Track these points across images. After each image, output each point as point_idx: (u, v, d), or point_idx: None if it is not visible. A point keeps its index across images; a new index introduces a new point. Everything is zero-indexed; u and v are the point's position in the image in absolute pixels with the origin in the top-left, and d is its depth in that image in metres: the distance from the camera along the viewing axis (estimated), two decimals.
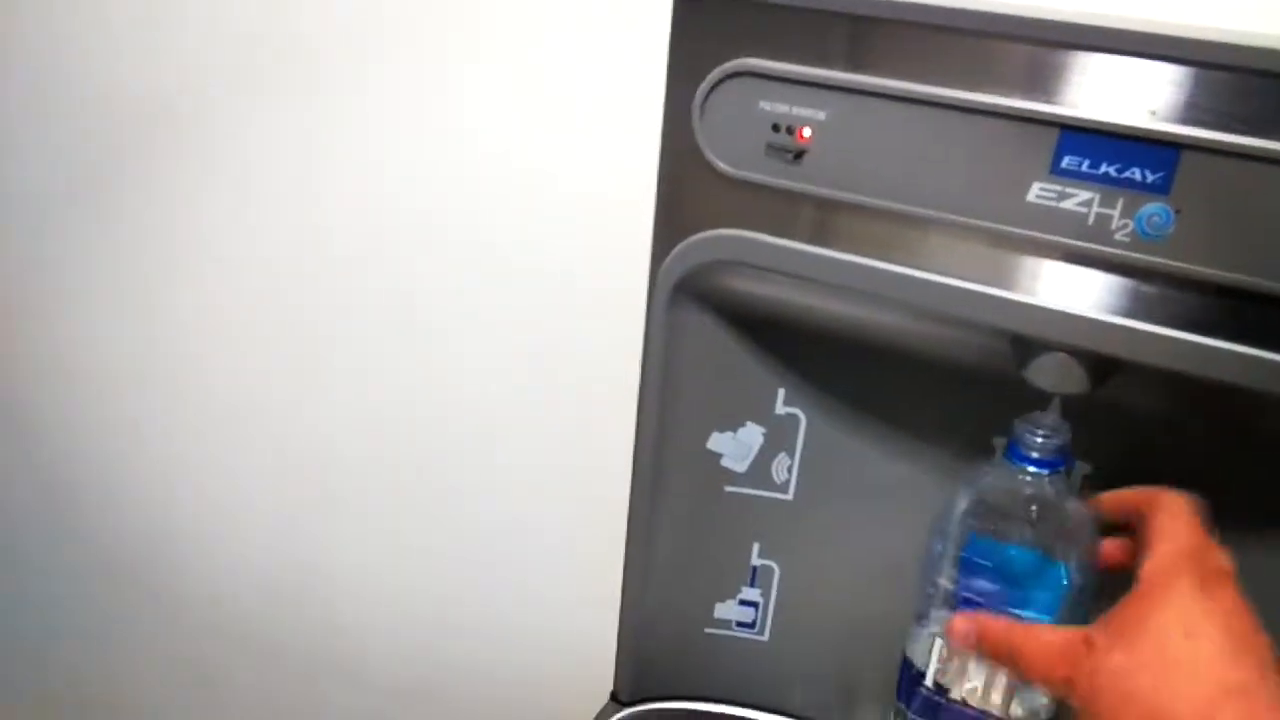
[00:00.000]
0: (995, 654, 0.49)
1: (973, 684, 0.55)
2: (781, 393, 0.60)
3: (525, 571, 0.78)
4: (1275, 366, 0.43)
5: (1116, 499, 0.50)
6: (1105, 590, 0.50)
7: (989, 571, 0.54)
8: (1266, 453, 0.50)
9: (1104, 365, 0.48)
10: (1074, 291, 0.46)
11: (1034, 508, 0.54)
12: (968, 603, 0.54)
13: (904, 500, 0.60)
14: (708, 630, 0.68)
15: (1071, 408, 0.52)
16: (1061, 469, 0.53)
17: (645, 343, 0.58)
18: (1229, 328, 0.43)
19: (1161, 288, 0.44)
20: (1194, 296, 0.44)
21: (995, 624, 0.50)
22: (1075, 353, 0.47)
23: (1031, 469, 0.53)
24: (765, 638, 0.68)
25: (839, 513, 0.63)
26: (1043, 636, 0.47)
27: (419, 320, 0.74)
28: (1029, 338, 0.49)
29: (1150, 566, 0.44)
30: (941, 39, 0.45)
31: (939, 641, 0.56)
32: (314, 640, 0.96)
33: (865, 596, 0.64)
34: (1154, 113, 0.42)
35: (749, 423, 0.61)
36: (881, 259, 0.49)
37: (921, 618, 0.57)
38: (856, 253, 0.49)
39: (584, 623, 0.74)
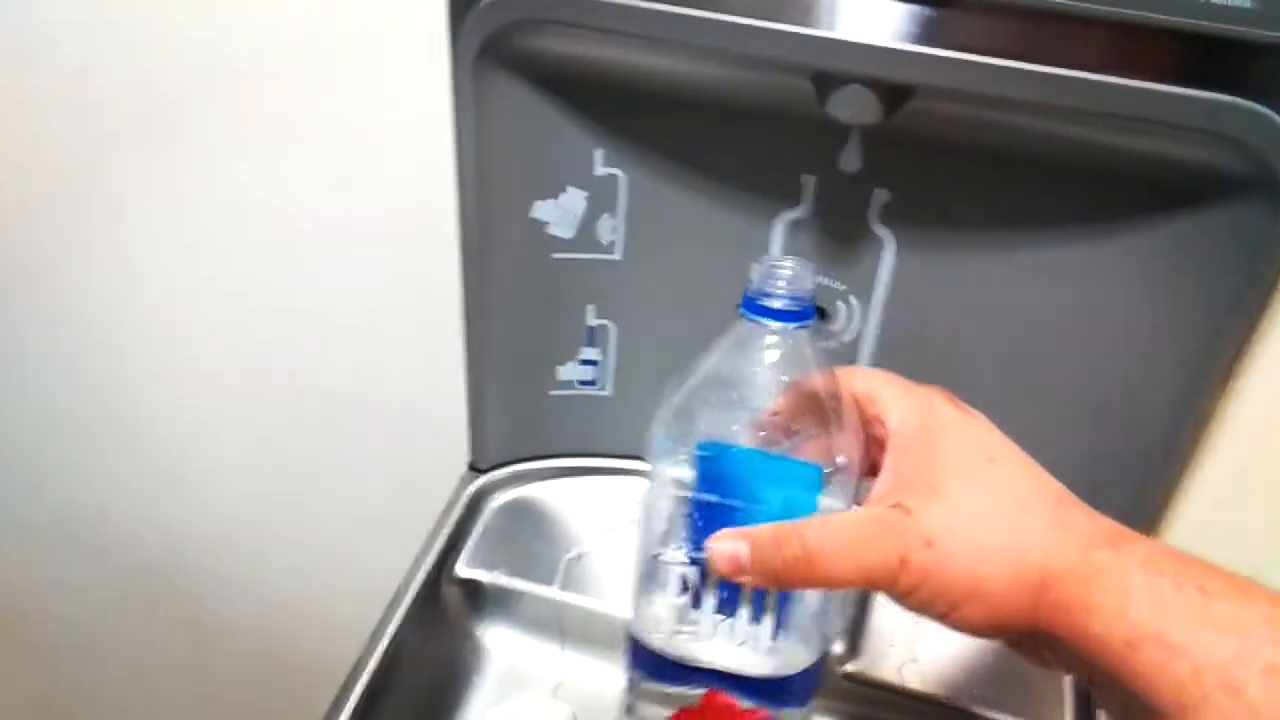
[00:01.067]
0: (783, 570, 0.38)
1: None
2: (599, 154, 0.61)
3: (370, 355, 0.79)
4: (1034, 77, 0.46)
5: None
6: None
7: (727, 481, 0.44)
8: (1048, 173, 0.54)
9: (898, 93, 0.51)
10: (862, 21, 0.48)
11: (779, 373, 0.45)
12: (708, 512, 0.44)
13: (728, 245, 0.63)
14: (552, 392, 0.71)
15: (870, 139, 0.55)
16: (810, 321, 0.45)
17: (455, 116, 0.56)
18: (1001, 46, 0.46)
19: (940, 11, 0.47)
20: (970, 16, 0.46)
21: (766, 533, 0.39)
22: (869, 82, 0.50)
23: (770, 321, 0.44)
24: (608, 392, 0.72)
25: (667, 266, 0.65)
26: (839, 526, 0.38)
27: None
28: (827, 72, 0.51)
29: (899, 419, 0.40)
30: None
31: (671, 582, 0.47)
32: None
33: (699, 341, 0.68)
34: None
35: (570, 187, 0.62)
36: (685, 5, 0.49)
37: (648, 576, 0.49)
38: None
39: (434, 399, 0.76)
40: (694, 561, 0.45)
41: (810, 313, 0.44)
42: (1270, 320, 0.52)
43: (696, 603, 0.46)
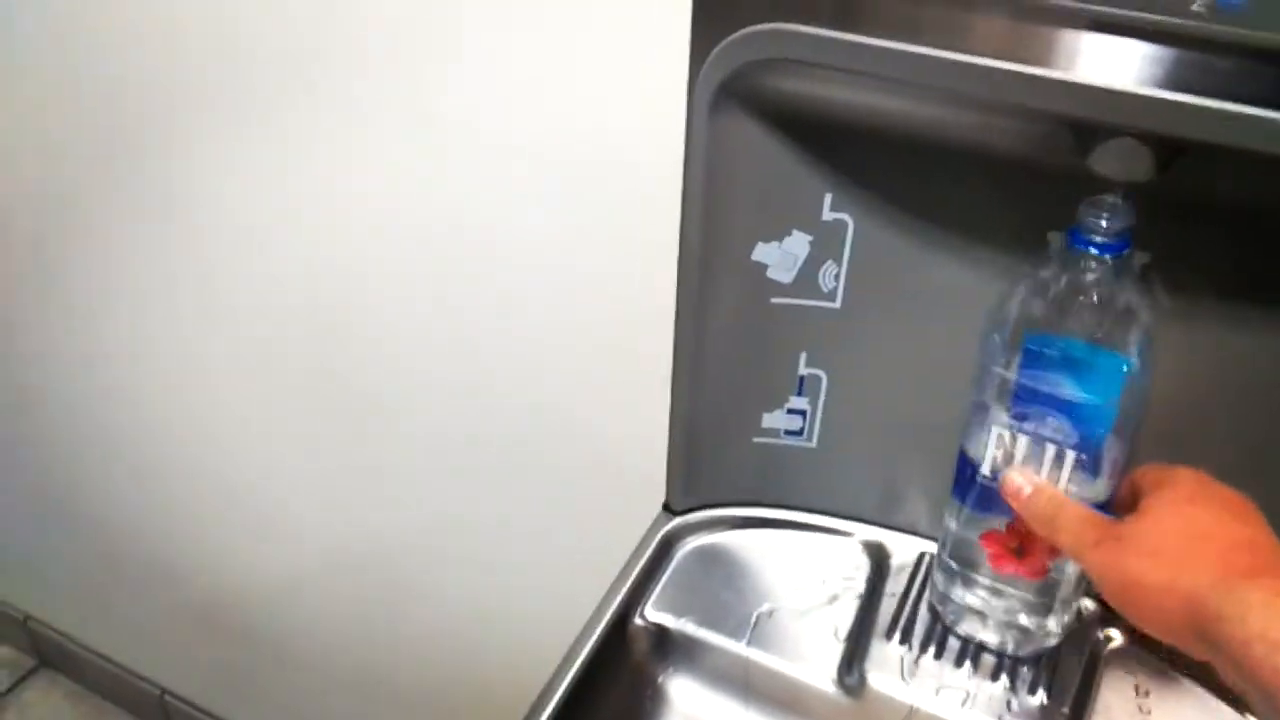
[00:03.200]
0: (1038, 514, 0.53)
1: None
2: (828, 198, 0.59)
3: (575, 386, 0.79)
4: None
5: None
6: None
7: (1048, 357, 0.54)
8: None
9: (1171, 149, 0.46)
10: (1144, 70, 0.43)
11: (1094, 295, 0.53)
12: (1027, 393, 0.54)
13: (953, 303, 0.59)
14: (756, 439, 0.69)
15: (1130, 196, 0.50)
16: (1124, 253, 0.52)
17: (686, 151, 0.56)
18: None
19: (1238, 62, 0.42)
20: (1271, 70, 0.41)
21: (1046, 488, 0.54)
22: (1142, 136, 0.45)
23: (1095, 253, 0.52)
24: (813, 444, 0.69)
25: (887, 319, 0.62)
26: (1081, 507, 0.52)
27: (445, 144, 0.72)
28: (1092, 122, 0.46)
29: (1155, 493, 0.50)
30: None
31: (995, 431, 0.56)
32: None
33: (913, 401, 0.65)
34: None
35: (795, 231, 0.60)
36: (933, 45, 0.46)
37: (979, 408, 0.57)
38: (907, 40, 0.47)
39: (635, 435, 0.75)
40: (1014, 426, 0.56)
41: (1124, 245, 0.51)
42: None
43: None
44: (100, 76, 0.80)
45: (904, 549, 0.70)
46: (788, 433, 0.69)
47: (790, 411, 0.68)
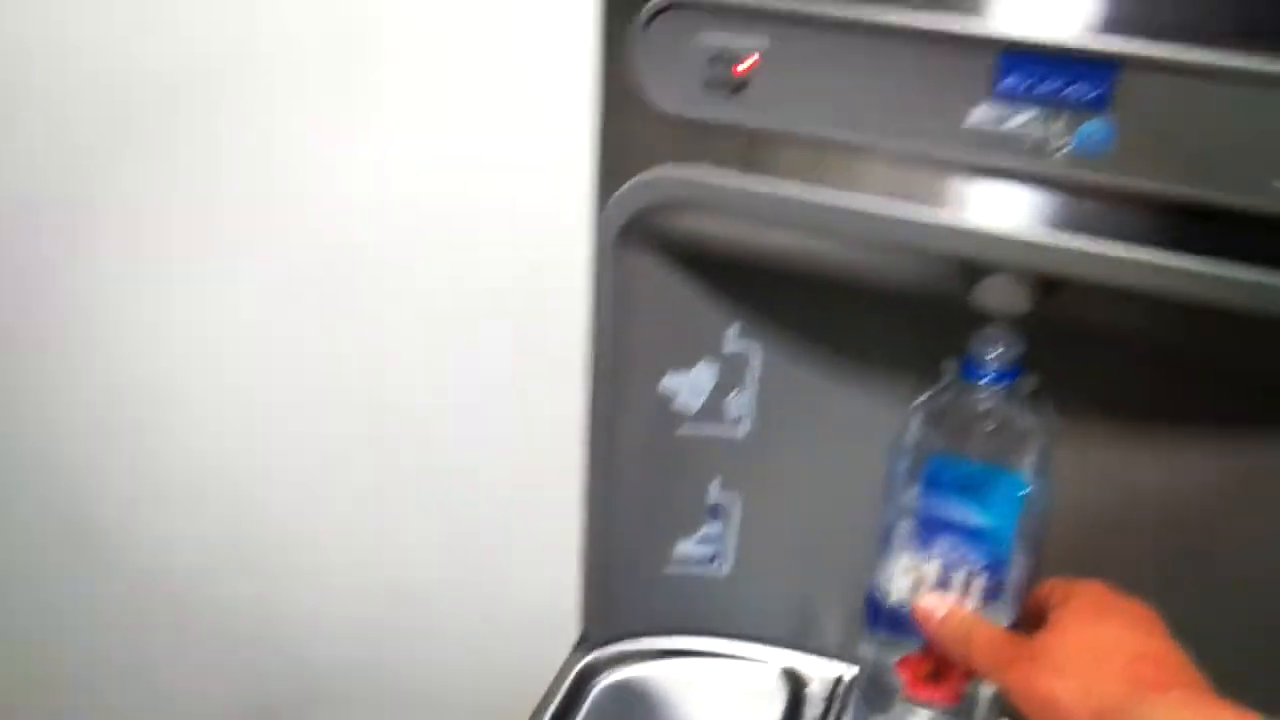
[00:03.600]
0: (951, 637, 0.53)
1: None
2: (733, 329, 0.60)
3: (484, 522, 0.78)
4: (1212, 277, 0.44)
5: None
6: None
7: (950, 485, 0.56)
8: (1202, 360, 0.51)
9: (1048, 283, 0.49)
10: (1016, 212, 0.46)
11: (988, 422, 0.55)
12: (931, 521, 0.56)
13: (859, 428, 0.61)
14: (669, 569, 0.68)
15: (1021, 324, 0.53)
16: (1013, 382, 0.54)
17: (593, 288, 0.57)
18: (1170, 240, 0.44)
19: (1102, 203, 0.45)
20: (1134, 211, 0.45)
21: (957, 611, 0.54)
22: (1019, 272, 0.48)
23: (986, 383, 0.54)
24: (727, 572, 0.69)
25: (795, 445, 0.63)
26: (993, 628, 0.53)
27: (369, 277, 0.72)
28: (974, 260, 0.49)
29: (1062, 608, 0.51)
30: None
31: (904, 558, 0.57)
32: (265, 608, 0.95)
33: (825, 525, 0.65)
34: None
35: (701, 361, 0.61)
36: (827, 189, 0.49)
37: (887, 536, 0.58)
38: (802, 184, 0.49)
39: (547, 569, 0.74)
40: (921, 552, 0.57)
41: (1014, 373, 0.53)
42: None
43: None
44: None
45: (821, 673, 0.70)
46: (701, 561, 0.68)
47: (703, 539, 0.68)
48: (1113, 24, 0.42)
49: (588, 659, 0.69)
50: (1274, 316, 0.44)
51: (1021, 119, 0.44)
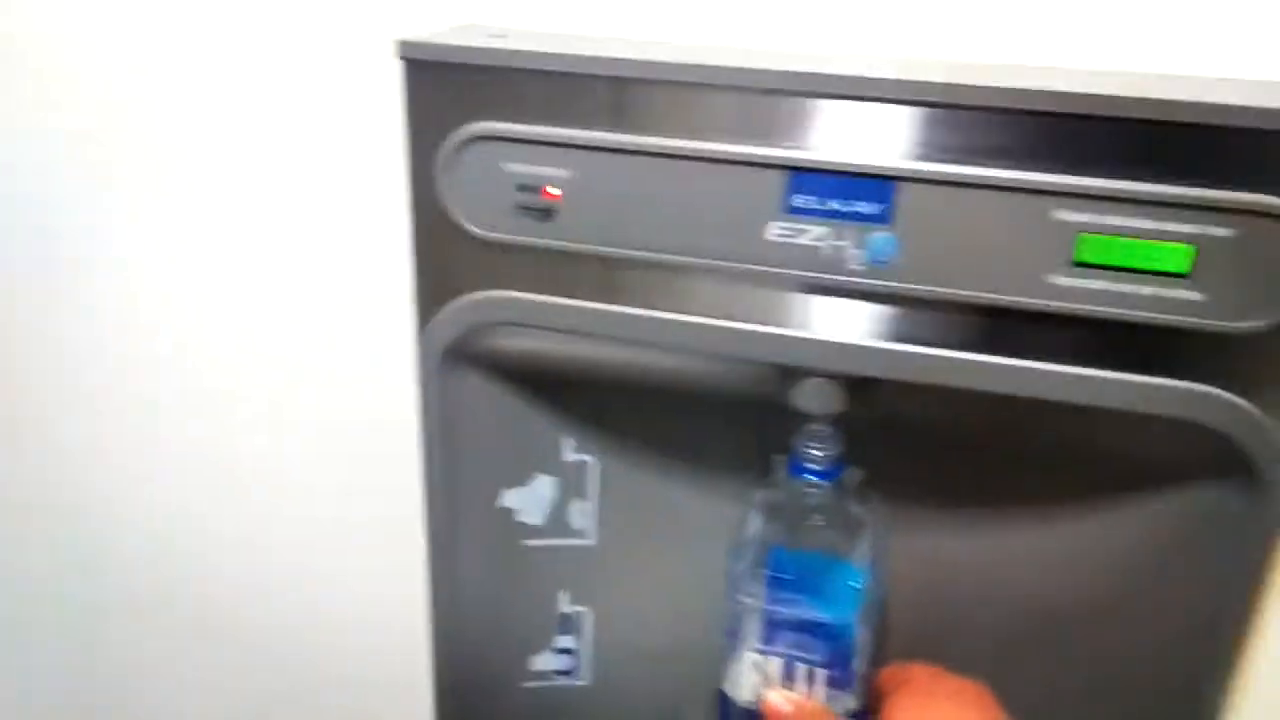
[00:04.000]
0: None
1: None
2: (569, 441, 0.60)
3: (331, 651, 0.75)
4: (1001, 369, 0.47)
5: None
6: None
7: (788, 582, 0.57)
8: (1010, 448, 0.54)
9: (860, 384, 0.51)
10: (822, 319, 0.48)
11: (819, 516, 0.57)
12: (773, 617, 0.56)
13: (704, 529, 0.61)
14: (526, 684, 0.67)
15: (842, 420, 0.55)
16: (838, 477, 0.56)
17: (421, 411, 0.56)
18: (959, 339, 0.47)
19: (899, 308, 0.47)
20: (928, 313, 0.47)
21: (804, 705, 0.55)
22: (831, 376, 0.50)
23: (812, 480, 0.55)
24: (586, 682, 0.68)
25: (642, 551, 0.63)
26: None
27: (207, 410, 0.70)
28: (787, 367, 0.51)
29: (896, 694, 0.52)
30: (670, 94, 0.46)
31: (749, 657, 0.58)
32: None
33: (679, 628, 0.65)
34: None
35: (540, 475, 0.61)
36: (641, 307, 0.50)
37: (732, 635, 0.59)
38: (617, 303, 0.50)
39: (397, 695, 0.72)
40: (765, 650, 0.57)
41: (837, 472, 0.55)
42: (1266, 602, 0.50)
43: None
44: None
45: None
46: (558, 673, 0.67)
47: (559, 651, 0.67)
48: (891, 145, 0.44)
49: None
50: (1060, 401, 0.47)
51: (815, 233, 0.46)
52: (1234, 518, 0.48)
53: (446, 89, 0.48)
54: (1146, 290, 0.44)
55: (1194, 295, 0.43)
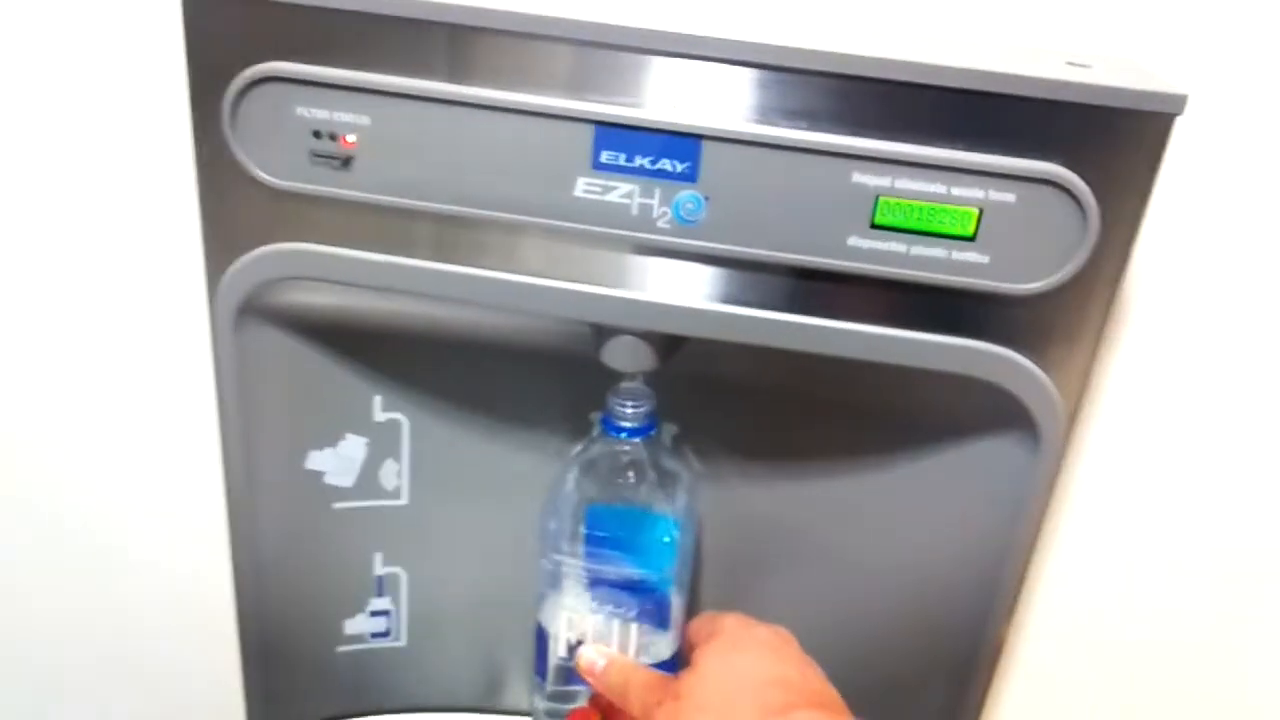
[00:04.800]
0: (611, 687, 0.55)
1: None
2: (378, 399, 0.58)
3: (135, 619, 0.71)
4: (803, 329, 0.47)
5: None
6: None
7: (604, 539, 0.57)
8: (805, 400, 0.55)
9: (670, 341, 0.51)
10: (631, 277, 0.48)
11: (632, 472, 0.57)
12: (589, 573, 0.57)
13: (517, 486, 0.61)
14: (341, 648, 0.65)
15: (654, 377, 0.55)
16: (652, 433, 0.56)
17: (216, 370, 0.53)
18: (763, 299, 0.47)
19: (704, 267, 0.47)
20: (730, 273, 0.47)
21: (616, 660, 0.56)
22: (641, 334, 0.50)
23: (625, 437, 0.56)
24: (403, 643, 0.66)
25: (456, 509, 0.62)
26: (648, 673, 0.54)
27: None
28: (598, 324, 0.50)
29: (705, 645, 0.52)
30: (479, 40, 0.44)
31: (564, 614, 0.58)
32: None
33: (496, 584, 0.65)
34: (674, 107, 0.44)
35: (349, 435, 0.59)
36: (444, 261, 0.48)
37: (546, 591, 0.59)
38: (419, 256, 0.48)
39: (204, 666, 0.68)
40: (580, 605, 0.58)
41: (650, 428, 0.56)
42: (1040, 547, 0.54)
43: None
44: None
45: None
46: (374, 635, 0.66)
47: (374, 613, 0.65)
48: (699, 104, 0.44)
49: None
50: (858, 359, 0.48)
51: (623, 190, 0.46)
52: (1015, 469, 0.51)
53: (232, 23, 0.45)
54: (938, 252, 0.45)
55: (979, 258, 0.45)
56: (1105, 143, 0.43)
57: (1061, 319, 0.47)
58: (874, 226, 0.45)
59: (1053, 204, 0.44)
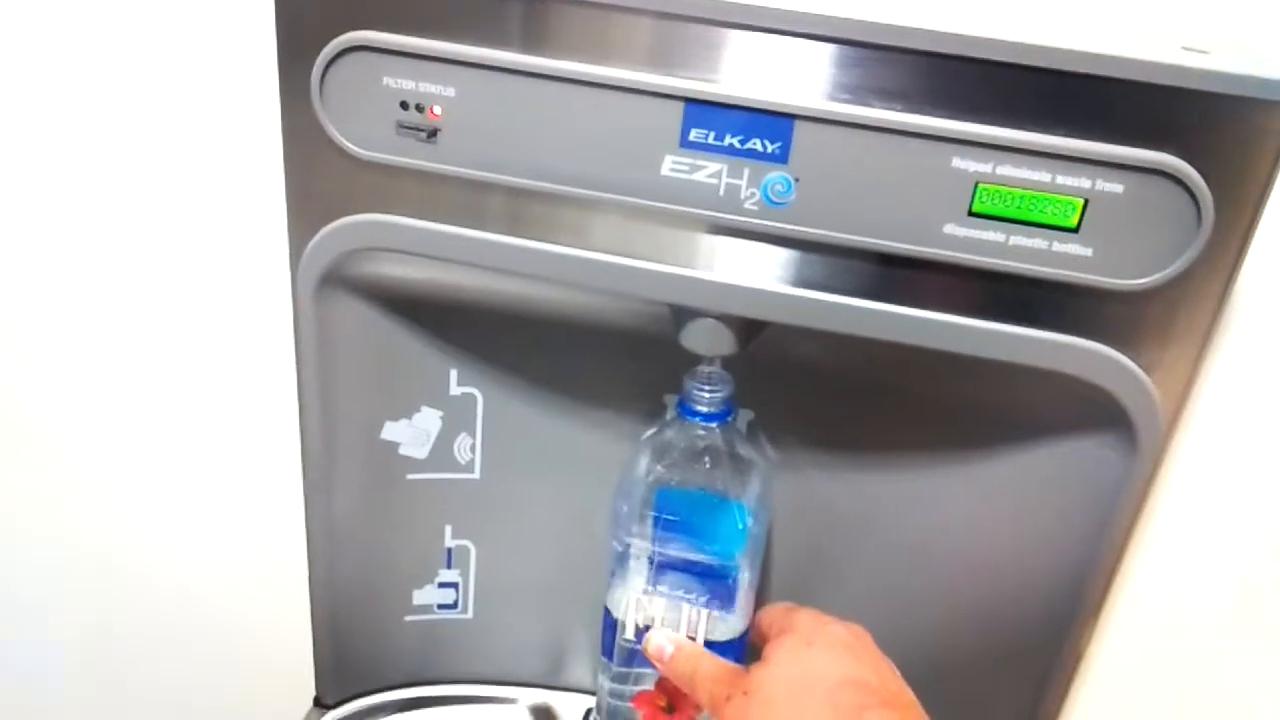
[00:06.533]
0: (679, 673, 0.54)
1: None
2: (454, 373, 0.58)
3: (209, 585, 0.73)
4: (893, 318, 0.46)
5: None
6: None
7: (674, 523, 0.56)
8: (889, 392, 0.54)
9: (751, 326, 0.50)
10: (715, 259, 0.47)
11: (707, 458, 0.56)
12: (659, 557, 0.56)
13: (589, 465, 0.60)
14: (409, 618, 0.66)
15: (732, 362, 0.54)
16: (729, 419, 0.55)
17: (296, 339, 0.53)
18: (851, 286, 0.46)
19: (790, 251, 0.46)
20: (818, 258, 0.46)
21: (685, 646, 0.55)
22: (722, 317, 0.49)
23: (701, 422, 0.55)
24: (469, 615, 0.67)
25: (527, 485, 0.62)
26: (716, 663, 0.53)
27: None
28: (678, 306, 0.49)
29: (776, 640, 0.51)
30: (567, 13, 0.44)
31: (633, 596, 0.57)
32: None
33: (562, 562, 0.65)
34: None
35: (424, 407, 0.59)
36: (527, 236, 0.48)
37: (616, 574, 0.58)
38: (501, 231, 0.48)
39: (277, 629, 0.70)
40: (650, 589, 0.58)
41: (727, 414, 0.55)
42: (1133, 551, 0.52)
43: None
44: None
45: (571, 708, 0.69)
46: (441, 606, 0.66)
47: (442, 585, 0.66)
48: (792, 83, 0.43)
49: None
50: (948, 351, 0.46)
51: (711, 169, 0.44)
52: (1109, 471, 0.49)
53: None
54: (1038, 243, 0.43)
55: (1082, 250, 0.43)
56: (1223, 132, 0.41)
57: (1167, 317, 0.44)
58: (972, 214, 0.43)
59: (1164, 196, 0.42)
